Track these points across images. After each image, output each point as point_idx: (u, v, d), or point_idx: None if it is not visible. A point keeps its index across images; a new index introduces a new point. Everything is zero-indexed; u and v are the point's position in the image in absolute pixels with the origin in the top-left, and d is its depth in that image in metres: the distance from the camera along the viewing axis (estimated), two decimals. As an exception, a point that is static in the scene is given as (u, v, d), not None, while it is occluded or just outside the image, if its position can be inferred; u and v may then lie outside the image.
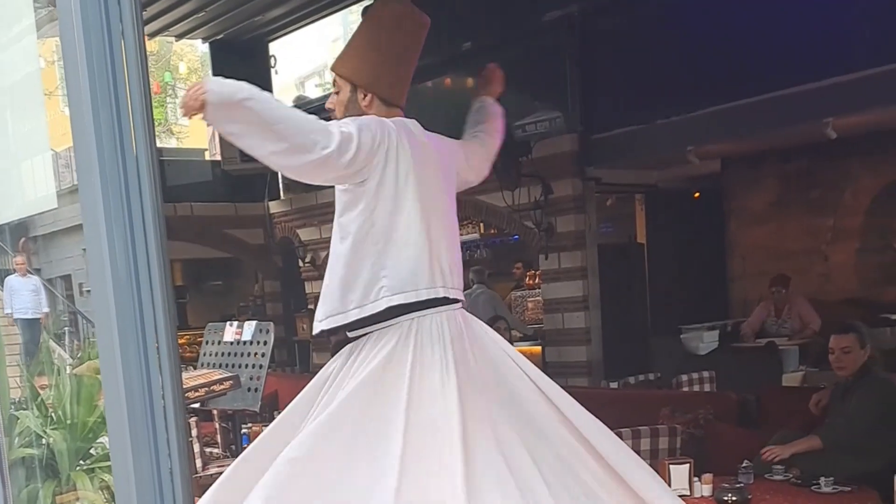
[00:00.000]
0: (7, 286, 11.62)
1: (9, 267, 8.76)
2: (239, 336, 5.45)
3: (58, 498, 4.43)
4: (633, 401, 6.64)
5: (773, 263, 9.30)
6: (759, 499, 4.25)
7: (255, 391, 5.09)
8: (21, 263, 11.94)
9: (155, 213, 1.67)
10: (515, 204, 8.88)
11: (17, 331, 11.35)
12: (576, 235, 8.92)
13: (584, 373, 8.95)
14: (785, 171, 9.70)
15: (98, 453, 4.70)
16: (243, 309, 14.03)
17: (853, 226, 9.28)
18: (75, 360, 8.08)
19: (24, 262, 12.03)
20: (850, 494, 4.29)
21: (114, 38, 1.59)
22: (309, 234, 12.24)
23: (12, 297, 11.55)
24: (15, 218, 3.49)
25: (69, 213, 10.16)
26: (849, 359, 4.85)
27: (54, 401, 4.75)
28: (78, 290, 15.08)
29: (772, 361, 7.67)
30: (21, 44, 2.54)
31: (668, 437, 5.10)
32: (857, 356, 4.82)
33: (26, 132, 2.72)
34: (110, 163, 1.63)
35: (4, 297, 11.28)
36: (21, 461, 4.23)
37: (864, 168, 9.11)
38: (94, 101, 1.61)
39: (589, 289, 8.97)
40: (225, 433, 7.19)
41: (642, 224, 10.37)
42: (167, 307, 1.76)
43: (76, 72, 1.61)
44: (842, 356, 4.87)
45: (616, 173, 9.18)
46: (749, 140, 8.57)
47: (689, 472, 4.39)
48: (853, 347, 4.83)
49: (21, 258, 12.34)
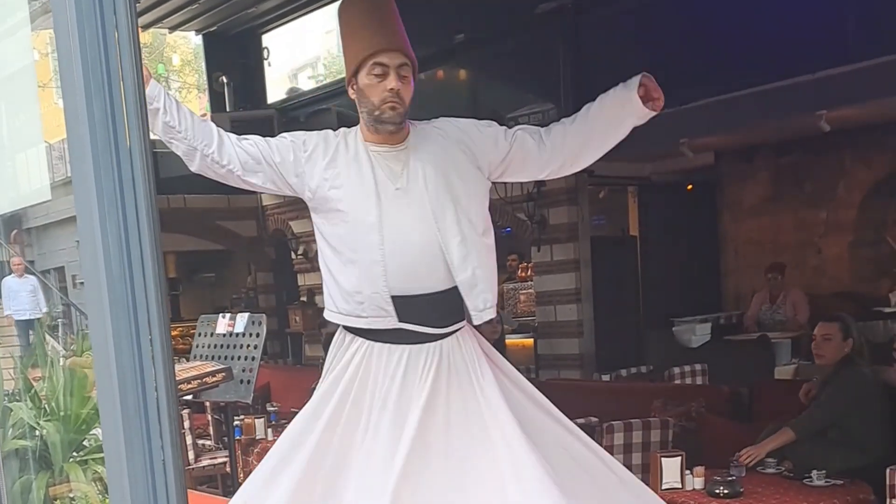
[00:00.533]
0: (5, 287, 11.40)
1: (4, 259, 8.67)
2: (231, 328, 5.43)
3: (51, 489, 4.43)
4: (625, 393, 6.67)
5: (767, 256, 9.33)
6: (750, 492, 4.26)
7: (247, 383, 5.07)
8: (18, 264, 11.81)
9: (149, 204, 1.67)
10: (508, 196, 8.88)
11: (13, 331, 11.26)
12: (568, 228, 8.93)
13: (576, 365, 8.98)
14: (778, 164, 9.72)
15: (91, 445, 4.70)
16: (236, 301, 14.04)
17: (846, 219, 9.31)
18: (68, 351, 8.07)
19: (22, 263, 11.88)
20: (842, 488, 4.30)
21: (108, 30, 1.59)
22: (302, 226, 12.22)
23: (10, 299, 11.38)
24: (9, 210, 3.49)
25: (62, 205, 10.13)
26: (828, 346, 4.83)
27: (48, 392, 4.75)
28: (71, 281, 15.04)
29: (764, 354, 7.70)
30: (15, 36, 2.53)
31: (660, 429, 5.11)
32: (838, 346, 4.81)
33: (20, 124, 2.72)
34: (104, 154, 1.63)
35: (3, 298, 11.13)
36: (14, 453, 4.23)
37: (857, 161, 9.13)
38: (88, 93, 1.60)
39: (581, 281, 8.98)
40: (217, 425, 7.21)
41: (635, 216, 10.39)
42: (160, 299, 1.76)
43: (70, 63, 1.61)
44: (821, 343, 4.87)
45: (609, 165, 9.17)
46: (743, 133, 8.58)
47: (681, 465, 4.40)
48: (834, 336, 4.82)
49: (18, 258, 12.19)
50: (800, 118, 7.25)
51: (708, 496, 4.26)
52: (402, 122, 2.80)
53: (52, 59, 2.23)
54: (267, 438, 6.44)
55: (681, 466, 4.40)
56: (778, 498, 4.18)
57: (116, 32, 1.59)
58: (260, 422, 6.62)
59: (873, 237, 9.15)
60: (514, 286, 11.05)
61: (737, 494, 4.21)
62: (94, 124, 1.61)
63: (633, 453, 4.96)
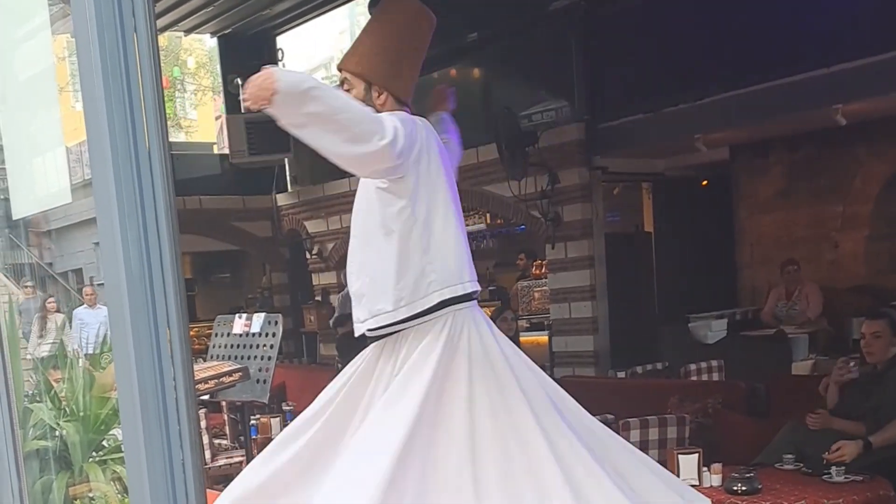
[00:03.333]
0: (76, 319, 11.08)
1: (24, 261, 8.56)
2: (248, 328, 5.45)
3: (71, 489, 4.46)
4: (640, 390, 6.65)
5: (782, 251, 9.28)
6: (769, 488, 4.23)
7: (263, 383, 5.10)
8: (91, 294, 11.60)
9: (167, 206, 1.68)
10: (522, 194, 8.88)
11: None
12: (582, 224, 8.92)
13: (591, 362, 8.97)
14: (793, 159, 9.67)
15: (110, 445, 4.72)
16: (251, 301, 14.08)
17: (863, 213, 9.25)
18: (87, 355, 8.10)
19: (94, 293, 11.69)
20: (862, 484, 4.26)
21: (126, 34, 1.60)
22: (316, 226, 12.26)
23: (81, 330, 10.52)
24: (30, 213, 3.51)
25: (80, 207, 10.17)
26: (879, 343, 4.85)
27: (67, 393, 4.78)
28: (89, 283, 15.11)
29: (781, 350, 7.66)
30: (35, 40, 2.55)
31: (677, 426, 5.10)
32: (887, 342, 4.82)
33: (41, 127, 2.74)
34: (123, 157, 1.65)
35: (73, 330, 10.75)
36: (35, 453, 4.27)
37: (873, 155, 9.07)
38: (108, 96, 1.62)
39: (596, 278, 8.97)
40: (234, 424, 7.24)
41: (649, 213, 10.36)
42: (179, 300, 1.77)
43: (90, 67, 1.62)
44: (872, 341, 4.88)
45: (623, 162, 9.17)
46: (757, 127, 8.55)
47: (699, 462, 4.39)
48: (883, 332, 4.83)
49: (90, 287, 12.00)
50: (815, 112, 7.21)
51: (726, 493, 4.24)
52: None
53: (69, 64, 2.24)
54: (283, 437, 6.45)
55: (698, 463, 4.38)
56: (797, 494, 4.16)
57: (135, 36, 1.60)
58: (276, 421, 6.64)
59: (889, 231, 9.08)
60: (529, 283, 11.04)
61: (755, 491, 4.18)
62: (113, 127, 1.63)
63: (649, 450, 4.94)
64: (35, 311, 10.28)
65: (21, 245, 4.83)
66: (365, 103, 2.87)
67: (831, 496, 4.14)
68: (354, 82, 2.95)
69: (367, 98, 2.91)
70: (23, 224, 4.14)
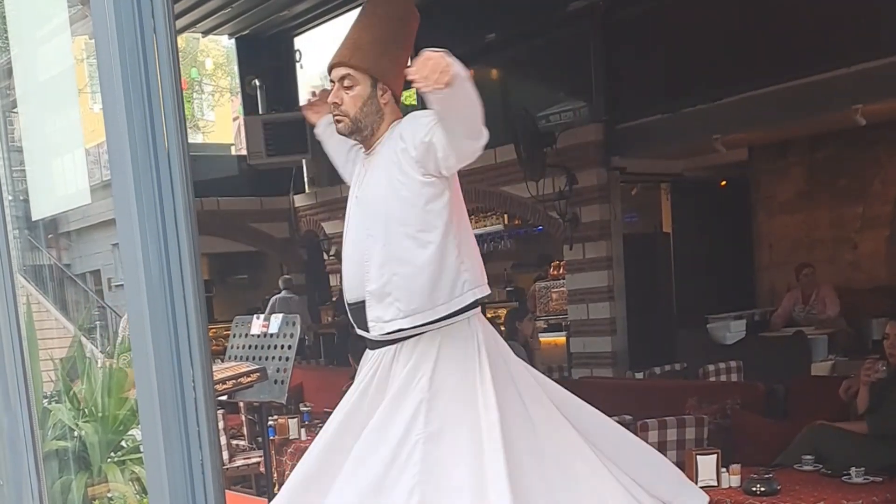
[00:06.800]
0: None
1: (42, 262, 8.53)
2: (266, 329, 5.46)
3: (89, 489, 4.48)
4: (658, 391, 6.62)
5: (802, 252, 9.24)
6: (788, 489, 4.21)
7: (281, 383, 5.10)
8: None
9: (186, 207, 1.69)
10: (540, 194, 8.86)
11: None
12: (600, 225, 8.90)
13: (609, 363, 8.94)
14: (813, 159, 9.62)
15: (128, 445, 4.74)
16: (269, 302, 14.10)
17: (882, 214, 9.19)
18: (105, 353, 8.15)
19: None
20: (882, 485, 4.24)
21: (146, 35, 1.61)
22: (333, 227, 12.27)
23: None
24: (51, 213, 3.54)
25: (98, 208, 10.24)
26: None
27: (86, 394, 4.80)
28: (107, 284, 15.21)
29: (800, 351, 7.61)
30: (54, 41, 2.57)
31: (695, 427, 5.08)
32: None
33: (60, 128, 2.75)
34: (143, 159, 1.65)
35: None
36: (54, 453, 4.29)
37: (893, 156, 9.01)
38: (127, 98, 1.62)
39: (614, 279, 8.95)
40: (251, 425, 7.27)
41: (668, 213, 10.32)
42: (198, 301, 1.78)
43: (109, 68, 1.63)
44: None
45: (641, 162, 9.14)
46: (777, 128, 8.50)
47: (717, 463, 4.37)
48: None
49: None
50: (835, 112, 7.16)
51: (745, 494, 4.23)
52: (351, 133, 2.86)
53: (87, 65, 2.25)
54: (300, 438, 6.47)
55: (716, 464, 4.37)
56: (816, 495, 4.14)
57: (155, 37, 1.61)
58: (293, 422, 6.66)
59: (910, 232, 9.03)
60: (546, 284, 11.03)
61: (774, 492, 4.17)
62: (133, 128, 1.63)
63: (667, 451, 4.92)
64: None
65: (40, 247, 4.86)
66: (368, 102, 2.80)
67: (850, 497, 4.12)
68: (358, 78, 2.80)
69: (371, 96, 2.80)
70: (41, 225, 4.17)
